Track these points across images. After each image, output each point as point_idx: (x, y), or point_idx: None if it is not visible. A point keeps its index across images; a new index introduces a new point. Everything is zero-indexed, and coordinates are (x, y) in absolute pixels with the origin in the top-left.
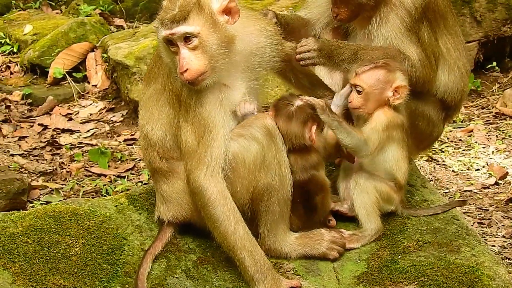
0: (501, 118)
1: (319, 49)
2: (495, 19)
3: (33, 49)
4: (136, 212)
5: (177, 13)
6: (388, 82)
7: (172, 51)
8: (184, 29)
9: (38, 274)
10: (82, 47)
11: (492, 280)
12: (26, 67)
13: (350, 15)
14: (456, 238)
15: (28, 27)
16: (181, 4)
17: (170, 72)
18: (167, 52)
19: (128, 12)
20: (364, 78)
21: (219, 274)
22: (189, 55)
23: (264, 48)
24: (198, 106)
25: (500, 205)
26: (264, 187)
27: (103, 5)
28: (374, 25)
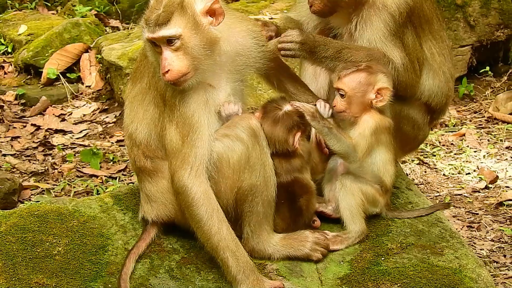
0: (493, 122)
1: (302, 42)
2: (489, 23)
3: (27, 50)
4: (121, 212)
5: (161, 14)
6: (370, 85)
7: (157, 51)
8: (166, 33)
9: (21, 273)
10: (77, 47)
11: (475, 283)
12: (20, 67)
13: (324, 8)
14: (439, 240)
15: (23, 27)
16: (166, 5)
17: (155, 71)
18: (152, 52)
19: (124, 13)
20: (346, 81)
21: (202, 275)
22: (171, 56)
23: (250, 49)
24: (182, 105)
25: (490, 209)
26: (248, 187)
27: (99, 6)
28: (357, 27)
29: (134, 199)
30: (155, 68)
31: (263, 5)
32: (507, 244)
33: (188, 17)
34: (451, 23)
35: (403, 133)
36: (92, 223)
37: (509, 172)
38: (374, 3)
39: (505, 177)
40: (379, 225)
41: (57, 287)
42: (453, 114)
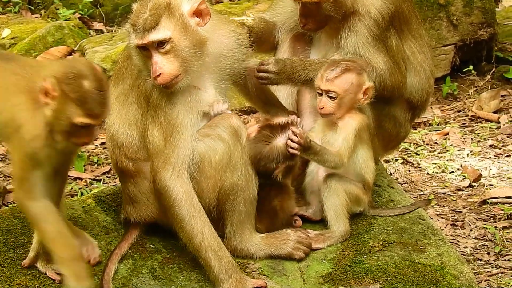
0: (477, 121)
1: (277, 73)
2: (472, 22)
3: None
4: (103, 213)
5: (148, 18)
6: (360, 85)
7: (145, 55)
8: (156, 37)
9: (3, 275)
10: (60, 51)
11: (457, 279)
12: None
13: (318, 25)
14: (421, 238)
15: (6, 31)
16: (152, 8)
17: (140, 73)
18: (139, 56)
19: (108, 16)
20: (338, 83)
21: (185, 274)
22: (162, 60)
23: (234, 51)
24: (168, 107)
25: (474, 207)
26: (230, 186)
27: (83, 9)
28: (343, 36)
29: (117, 200)
30: (141, 70)
31: (246, 6)
32: (491, 242)
33: (177, 19)
34: (434, 22)
35: (385, 131)
36: (75, 224)
37: (492, 170)
38: (358, 12)
39: (489, 175)
40: (361, 223)
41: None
42: (436, 113)
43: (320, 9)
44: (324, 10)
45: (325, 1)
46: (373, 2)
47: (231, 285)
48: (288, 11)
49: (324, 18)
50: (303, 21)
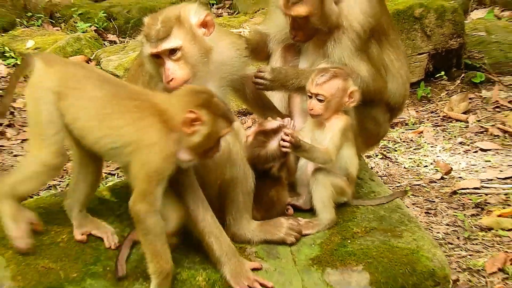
0: (448, 121)
1: (272, 80)
2: (443, 33)
3: None
4: (117, 204)
5: (161, 29)
6: (345, 90)
7: (157, 63)
8: (169, 46)
9: (29, 259)
10: (78, 59)
11: (430, 261)
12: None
13: (307, 37)
14: (399, 224)
15: (31, 42)
16: (163, 20)
17: (151, 78)
18: (152, 64)
19: (120, 29)
20: (326, 88)
21: (190, 257)
22: (174, 66)
23: (234, 59)
24: None
25: (445, 197)
26: (229, 179)
27: (98, 23)
28: (329, 46)
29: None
30: (152, 76)
31: (243, 19)
32: (460, 228)
33: (186, 30)
34: (410, 33)
35: (367, 130)
36: (92, 214)
37: (462, 164)
38: (343, 25)
39: (459, 169)
40: (346, 212)
41: (61, 271)
42: (412, 114)
43: (308, 22)
44: (312, 23)
45: (312, 15)
46: (356, 16)
47: (230, 267)
48: (279, 24)
49: (312, 30)
50: (293, 33)
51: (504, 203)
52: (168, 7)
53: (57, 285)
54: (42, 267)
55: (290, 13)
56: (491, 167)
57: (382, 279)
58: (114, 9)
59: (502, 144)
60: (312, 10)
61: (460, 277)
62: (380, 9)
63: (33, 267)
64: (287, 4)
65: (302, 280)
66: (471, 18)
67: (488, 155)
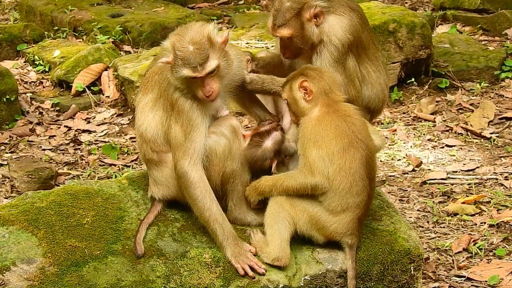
0: (418, 121)
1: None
2: (413, 45)
3: (61, 69)
4: (134, 191)
5: (198, 54)
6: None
7: (192, 81)
8: (210, 69)
9: (58, 238)
10: (98, 67)
11: (406, 242)
12: (55, 82)
13: (294, 54)
14: (379, 209)
15: (57, 52)
16: (196, 43)
17: (169, 86)
18: (182, 81)
19: (134, 41)
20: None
21: (198, 238)
22: (211, 82)
23: (236, 69)
24: (189, 111)
25: (416, 186)
26: (230, 172)
27: (115, 35)
28: (313, 60)
29: (145, 181)
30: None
31: (240, 33)
32: (429, 213)
33: (217, 50)
34: (384, 45)
35: None
36: (113, 199)
37: (430, 158)
38: (324, 41)
39: (427, 162)
40: None
41: (86, 248)
42: (387, 114)
43: (292, 42)
44: (296, 43)
45: (295, 36)
46: (335, 33)
47: (231, 249)
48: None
49: (297, 49)
50: (282, 51)
51: (467, 192)
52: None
53: (83, 261)
54: (70, 245)
55: (276, 34)
56: (455, 161)
57: (364, 257)
58: (129, 23)
59: (465, 141)
60: (294, 32)
61: (430, 256)
62: (361, 26)
63: (61, 246)
64: (273, 27)
65: (295, 257)
66: (437, 32)
67: (453, 151)
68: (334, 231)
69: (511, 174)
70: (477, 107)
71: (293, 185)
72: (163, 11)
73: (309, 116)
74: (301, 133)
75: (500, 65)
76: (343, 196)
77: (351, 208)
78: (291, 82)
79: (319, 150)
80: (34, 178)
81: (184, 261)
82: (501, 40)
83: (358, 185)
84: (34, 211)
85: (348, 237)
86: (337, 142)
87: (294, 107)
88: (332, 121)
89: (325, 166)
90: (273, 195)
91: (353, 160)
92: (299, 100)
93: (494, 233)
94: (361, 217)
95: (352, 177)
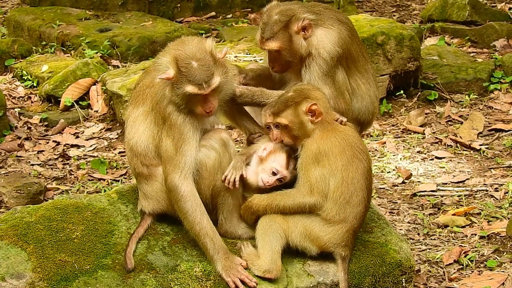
0: (407, 133)
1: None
2: (402, 57)
3: (49, 84)
4: (124, 205)
5: (204, 72)
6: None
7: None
8: (214, 86)
9: (48, 253)
10: (87, 81)
11: (397, 253)
12: (43, 97)
13: (283, 68)
14: (369, 221)
15: (45, 67)
16: (204, 64)
17: (162, 99)
18: (183, 97)
19: (122, 55)
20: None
21: (188, 251)
22: (212, 99)
23: (227, 83)
24: (181, 125)
25: (406, 199)
26: (220, 185)
27: (103, 50)
28: (302, 72)
29: (134, 194)
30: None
31: (229, 46)
32: (420, 225)
33: (220, 67)
34: (373, 57)
35: None
36: (102, 214)
37: (420, 170)
38: (312, 53)
39: (417, 174)
40: None
41: (76, 263)
42: (376, 127)
43: (281, 55)
44: (284, 56)
45: (283, 49)
46: (324, 46)
47: (222, 263)
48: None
49: (286, 62)
50: (271, 65)
51: (458, 204)
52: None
53: (72, 276)
54: (59, 260)
55: (264, 47)
56: (445, 173)
57: (356, 269)
58: (117, 38)
59: (455, 153)
60: (282, 45)
61: (421, 268)
62: (351, 39)
63: (51, 260)
64: (262, 40)
65: (286, 270)
66: (425, 45)
67: (443, 162)
68: (329, 241)
69: (501, 185)
70: (466, 119)
71: (290, 205)
72: (151, 25)
73: (312, 137)
74: (304, 154)
75: (489, 76)
76: (343, 206)
77: (349, 219)
78: (294, 107)
79: (322, 169)
80: (23, 193)
81: (174, 274)
82: (489, 52)
83: (358, 195)
84: (23, 226)
85: (342, 248)
86: (342, 157)
87: (298, 131)
88: (335, 138)
89: (325, 185)
90: (268, 213)
91: (356, 171)
92: (306, 123)
93: (485, 244)
94: (356, 228)
95: (353, 187)
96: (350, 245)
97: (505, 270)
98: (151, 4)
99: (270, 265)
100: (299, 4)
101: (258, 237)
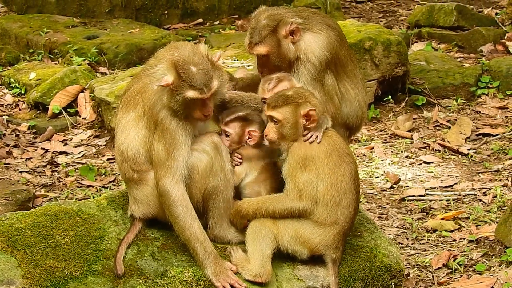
0: (395, 138)
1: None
2: (390, 63)
3: (37, 91)
4: (113, 210)
5: (204, 77)
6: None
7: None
8: (214, 90)
9: (37, 259)
10: (74, 88)
11: (387, 257)
12: (31, 104)
13: (271, 73)
14: (359, 226)
15: (33, 74)
16: (204, 68)
17: (156, 104)
18: (181, 102)
19: (110, 62)
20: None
21: (178, 257)
22: (210, 103)
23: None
24: (173, 130)
25: (395, 203)
26: (212, 188)
27: (91, 57)
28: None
29: (124, 200)
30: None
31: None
32: (409, 230)
33: (217, 71)
34: (361, 63)
35: None
36: (92, 219)
37: (408, 175)
38: (301, 58)
39: (405, 179)
40: None
41: (66, 269)
42: (364, 132)
43: (269, 60)
44: (272, 61)
45: (271, 54)
46: (312, 50)
47: (212, 268)
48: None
49: (275, 67)
50: (259, 70)
51: (446, 208)
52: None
53: (62, 282)
54: (49, 266)
55: (253, 52)
56: (433, 177)
57: (345, 273)
58: (104, 45)
59: (442, 157)
60: (270, 50)
61: (410, 272)
62: (339, 43)
63: (41, 267)
64: (250, 45)
65: (276, 275)
66: (413, 50)
67: (431, 167)
68: (320, 244)
69: (489, 189)
70: (454, 123)
71: (279, 210)
72: (139, 32)
73: (299, 141)
74: (291, 158)
75: (476, 81)
76: (333, 208)
77: (339, 221)
78: (294, 106)
79: (309, 174)
80: (12, 201)
81: (164, 280)
82: (476, 57)
83: (348, 197)
84: (12, 232)
85: (333, 250)
86: (329, 161)
87: (288, 131)
88: (321, 143)
89: (313, 190)
90: (258, 218)
91: (344, 174)
92: (299, 125)
93: (474, 248)
94: (347, 231)
95: (343, 190)
96: (341, 248)
97: (494, 274)
98: (138, 11)
99: (260, 270)
100: (287, 9)
101: (248, 242)
